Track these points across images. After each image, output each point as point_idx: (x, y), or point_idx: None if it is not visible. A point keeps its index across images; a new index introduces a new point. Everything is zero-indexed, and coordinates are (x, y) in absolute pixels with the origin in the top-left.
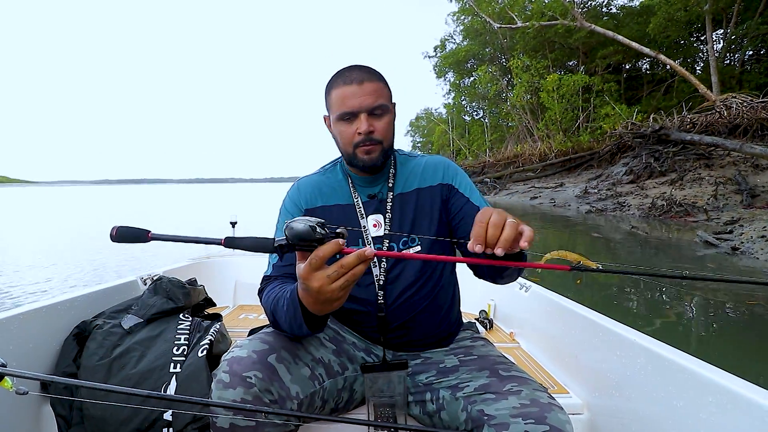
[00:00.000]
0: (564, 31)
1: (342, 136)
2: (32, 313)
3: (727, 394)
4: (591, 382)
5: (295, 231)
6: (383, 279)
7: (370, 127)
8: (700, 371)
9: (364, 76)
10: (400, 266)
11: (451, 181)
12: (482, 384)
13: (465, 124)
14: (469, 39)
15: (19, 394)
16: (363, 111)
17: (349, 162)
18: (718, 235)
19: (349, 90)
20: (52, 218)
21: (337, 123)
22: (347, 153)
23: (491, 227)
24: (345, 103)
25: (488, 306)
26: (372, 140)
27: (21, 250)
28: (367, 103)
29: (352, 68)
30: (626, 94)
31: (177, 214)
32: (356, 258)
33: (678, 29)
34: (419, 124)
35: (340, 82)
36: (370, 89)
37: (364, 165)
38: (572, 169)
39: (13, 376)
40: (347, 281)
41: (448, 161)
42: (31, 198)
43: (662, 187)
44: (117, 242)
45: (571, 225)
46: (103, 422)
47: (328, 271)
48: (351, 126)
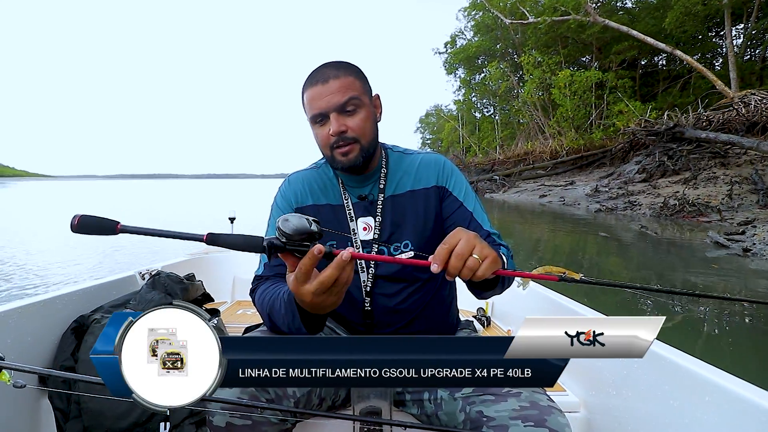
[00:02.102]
0: (577, 27)
1: (318, 139)
2: (30, 307)
3: (725, 394)
4: (588, 381)
5: (290, 224)
6: (370, 285)
7: (341, 127)
8: (697, 370)
9: (330, 73)
10: (389, 270)
11: (446, 183)
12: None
13: (475, 120)
14: (480, 35)
15: (17, 388)
16: (331, 110)
17: (331, 165)
18: (730, 236)
19: (315, 91)
20: (70, 210)
21: (313, 126)
22: (326, 156)
23: (454, 258)
24: (313, 105)
25: (486, 304)
26: (346, 139)
27: (42, 239)
28: (335, 102)
29: (320, 67)
30: (641, 91)
31: (182, 208)
32: (336, 269)
33: (696, 24)
34: (429, 120)
35: (309, 83)
36: (336, 86)
37: (342, 167)
38: (584, 168)
39: (11, 370)
40: (334, 291)
41: (444, 160)
42: (49, 191)
43: (675, 186)
44: (79, 233)
45: (579, 224)
46: (100, 416)
47: (311, 288)
48: (324, 128)
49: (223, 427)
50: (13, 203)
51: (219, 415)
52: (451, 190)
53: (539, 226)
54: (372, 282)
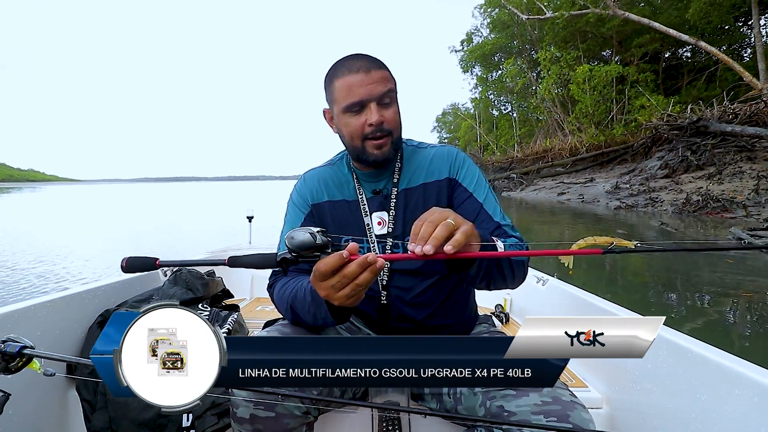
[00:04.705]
0: (596, 20)
1: (349, 128)
2: (59, 301)
3: (756, 387)
4: (610, 376)
5: (296, 241)
6: (386, 279)
7: (381, 117)
8: (725, 363)
9: (371, 64)
10: (405, 263)
11: (456, 174)
12: None
13: (492, 118)
14: (496, 32)
15: (47, 376)
16: (372, 100)
17: (356, 157)
18: (753, 232)
19: (355, 78)
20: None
21: (343, 115)
22: (355, 147)
23: (426, 224)
24: (352, 92)
25: (504, 300)
26: (383, 131)
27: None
28: (378, 91)
29: (355, 56)
30: (665, 84)
31: (205, 210)
32: (358, 267)
33: (721, 14)
34: (446, 119)
35: (344, 71)
36: (378, 77)
37: (375, 160)
38: (604, 164)
39: (41, 358)
40: (352, 290)
41: (457, 151)
42: (78, 194)
43: (699, 182)
44: (128, 272)
45: (596, 222)
46: (125, 407)
47: (332, 281)
48: (359, 117)
49: (247, 419)
50: (47, 206)
51: (243, 406)
52: (461, 180)
53: (558, 225)
54: (388, 276)
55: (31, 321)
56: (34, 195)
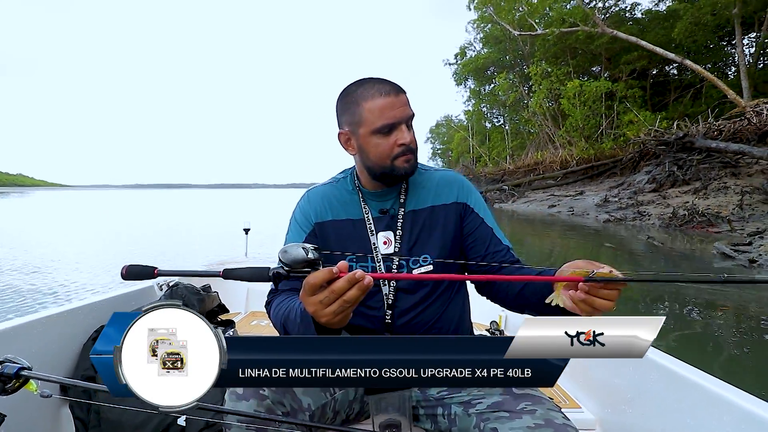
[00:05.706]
0: (585, 38)
1: (378, 149)
2: (54, 318)
3: (744, 414)
4: (603, 397)
5: (288, 255)
6: (392, 298)
7: (412, 138)
8: (714, 389)
9: (398, 88)
10: (410, 285)
11: (466, 200)
12: (495, 401)
13: (485, 131)
14: (489, 46)
15: (44, 397)
16: (403, 122)
17: (380, 175)
18: (736, 247)
19: (387, 101)
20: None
21: (372, 136)
22: (383, 166)
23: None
24: (385, 115)
25: (499, 317)
26: (411, 150)
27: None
28: (408, 114)
29: (378, 80)
30: (652, 100)
31: (199, 219)
32: (346, 282)
33: (706, 34)
34: (439, 131)
35: (375, 94)
36: (405, 100)
37: (405, 172)
38: (594, 177)
39: (37, 380)
40: (341, 306)
41: (462, 178)
42: (67, 200)
43: (685, 196)
44: (127, 280)
45: (586, 235)
46: (119, 426)
47: (320, 296)
48: (389, 138)
49: None
50: (34, 212)
51: (236, 427)
52: (473, 206)
53: (548, 238)
54: (394, 295)
55: (26, 338)
56: (22, 200)
